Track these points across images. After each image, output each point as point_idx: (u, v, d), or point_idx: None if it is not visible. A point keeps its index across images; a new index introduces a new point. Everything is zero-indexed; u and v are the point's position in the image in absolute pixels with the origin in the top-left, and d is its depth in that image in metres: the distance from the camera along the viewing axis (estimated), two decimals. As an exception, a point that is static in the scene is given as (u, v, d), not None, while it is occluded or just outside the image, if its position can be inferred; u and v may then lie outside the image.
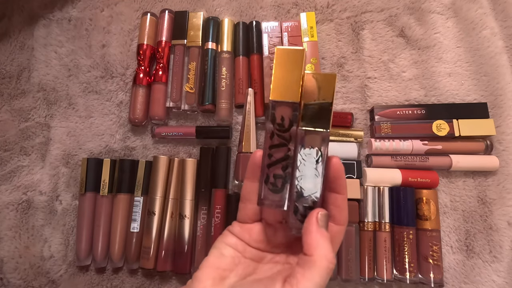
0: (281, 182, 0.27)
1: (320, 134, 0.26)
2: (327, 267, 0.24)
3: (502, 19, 0.55)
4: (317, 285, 0.23)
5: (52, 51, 0.58)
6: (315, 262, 0.23)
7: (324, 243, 0.24)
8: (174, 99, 0.53)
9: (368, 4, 0.57)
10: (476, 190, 0.50)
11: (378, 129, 0.50)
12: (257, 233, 0.29)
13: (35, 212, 0.53)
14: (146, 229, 0.49)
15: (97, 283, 0.51)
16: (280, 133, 0.27)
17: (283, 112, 0.27)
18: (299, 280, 0.23)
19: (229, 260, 0.27)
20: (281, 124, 0.27)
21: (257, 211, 0.29)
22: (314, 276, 0.23)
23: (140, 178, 0.51)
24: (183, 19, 0.56)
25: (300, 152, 0.26)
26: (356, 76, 0.55)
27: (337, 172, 0.26)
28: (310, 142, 0.26)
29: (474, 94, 0.53)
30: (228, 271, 0.27)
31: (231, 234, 0.29)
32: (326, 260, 0.24)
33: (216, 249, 0.28)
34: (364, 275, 0.47)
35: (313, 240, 0.24)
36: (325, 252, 0.24)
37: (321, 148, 0.26)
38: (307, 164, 0.26)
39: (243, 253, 0.28)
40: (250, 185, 0.28)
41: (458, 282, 0.48)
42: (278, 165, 0.27)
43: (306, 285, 0.23)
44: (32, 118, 0.56)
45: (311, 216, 0.25)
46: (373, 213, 0.48)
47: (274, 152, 0.27)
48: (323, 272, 0.23)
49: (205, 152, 0.51)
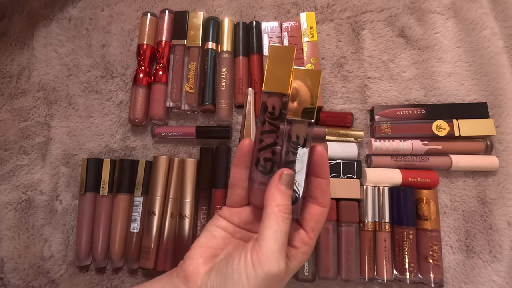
0: (270, 164, 0.29)
1: (304, 123, 0.29)
2: (281, 215, 0.26)
3: (502, 19, 0.55)
4: (275, 231, 0.25)
5: (52, 50, 0.58)
6: (269, 212, 0.26)
7: (277, 195, 0.26)
8: (174, 99, 0.53)
9: (368, 4, 0.57)
10: (476, 190, 0.50)
11: (378, 129, 0.50)
12: (246, 215, 0.31)
13: (35, 211, 0.53)
14: (146, 229, 0.49)
15: (97, 283, 0.51)
16: (271, 120, 0.29)
17: (274, 102, 0.29)
18: (261, 232, 0.26)
19: (219, 241, 0.29)
20: (272, 112, 0.29)
21: (245, 196, 0.31)
22: (271, 224, 0.25)
23: (140, 178, 0.51)
24: (183, 19, 0.56)
25: (287, 138, 0.29)
26: (356, 76, 0.55)
27: (320, 158, 0.29)
28: (296, 130, 0.29)
29: (474, 94, 0.53)
30: (219, 249, 0.29)
31: (221, 217, 0.31)
32: (278, 208, 0.26)
33: (207, 231, 0.30)
34: (364, 275, 0.47)
35: (269, 194, 0.27)
36: (277, 202, 0.26)
37: (305, 136, 0.29)
38: (293, 150, 0.29)
39: (233, 234, 0.30)
40: (238, 172, 0.30)
41: (458, 282, 0.48)
42: (268, 149, 0.29)
43: (266, 234, 0.25)
44: (32, 118, 0.56)
45: (276, 173, 0.28)
46: (373, 213, 0.48)
47: (265, 137, 0.29)
48: (278, 219, 0.26)
49: (205, 152, 0.51)
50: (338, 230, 0.48)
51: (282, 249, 0.25)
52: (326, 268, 0.46)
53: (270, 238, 0.25)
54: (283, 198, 0.26)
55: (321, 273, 0.46)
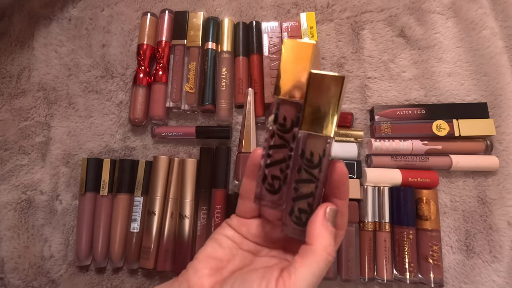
0: (278, 183, 0.26)
1: (322, 138, 0.24)
2: (326, 258, 0.23)
3: (502, 19, 0.55)
4: (314, 274, 0.23)
5: (52, 50, 0.58)
6: (314, 251, 0.23)
7: (326, 234, 0.24)
8: (174, 99, 0.53)
9: (368, 4, 0.57)
10: (476, 190, 0.50)
11: (378, 129, 0.50)
12: (255, 228, 0.29)
13: (35, 211, 0.53)
14: (146, 229, 0.49)
15: (97, 283, 0.51)
16: (281, 133, 0.25)
17: (285, 112, 0.25)
18: (297, 268, 0.23)
19: (226, 251, 0.28)
20: (283, 124, 0.25)
21: (256, 208, 0.29)
22: (312, 265, 0.23)
23: (140, 178, 0.51)
24: (183, 19, 0.56)
25: (300, 155, 0.25)
26: (356, 76, 0.55)
27: (341, 177, 0.25)
28: (311, 146, 0.25)
29: (474, 94, 0.53)
30: (225, 261, 0.27)
31: (229, 226, 0.29)
32: (326, 251, 0.24)
33: (214, 240, 0.28)
34: (364, 275, 0.47)
35: (316, 230, 0.24)
36: (326, 243, 0.24)
37: (323, 153, 0.24)
38: (307, 168, 0.25)
39: (240, 245, 0.28)
40: (249, 183, 0.28)
41: (458, 282, 0.48)
42: (277, 166, 0.26)
43: (303, 273, 0.23)
44: (32, 118, 0.56)
45: (320, 208, 0.25)
46: (373, 213, 0.48)
47: (273, 152, 0.26)
48: (322, 262, 0.23)
49: (205, 152, 0.51)
50: (338, 230, 0.48)
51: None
52: (326, 268, 0.46)
53: (305, 279, 0.23)
54: (331, 237, 0.24)
55: (321, 273, 0.46)
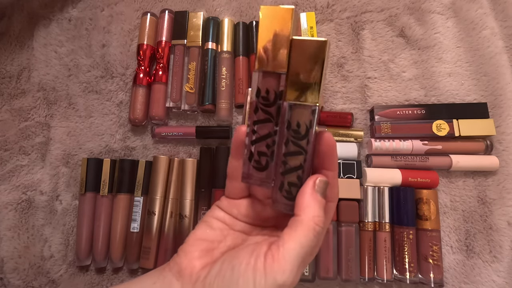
0: (265, 160, 0.25)
1: (308, 108, 0.23)
2: (314, 228, 0.23)
3: (502, 19, 0.55)
4: (302, 245, 0.23)
5: (52, 50, 0.58)
6: (302, 221, 0.23)
7: (314, 205, 0.24)
8: (174, 99, 0.53)
9: (368, 4, 0.57)
10: (476, 190, 0.50)
11: (378, 129, 0.50)
12: (245, 208, 0.28)
13: (35, 211, 0.53)
14: (146, 229, 0.49)
15: (97, 283, 0.51)
16: (265, 107, 0.24)
17: (268, 84, 0.24)
18: (285, 240, 0.23)
19: (217, 233, 0.27)
20: (265, 97, 0.24)
21: (245, 187, 0.28)
22: (300, 236, 0.23)
23: (140, 178, 0.51)
24: (183, 19, 0.56)
25: (286, 127, 0.24)
26: (356, 76, 0.55)
27: (329, 148, 0.25)
28: (297, 116, 0.23)
29: (474, 94, 0.53)
30: (216, 242, 0.27)
31: (219, 208, 0.29)
32: (313, 220, 0.23)
33: (204, 223, 0.28)
34: (364, 275, 0.47)
35: (304, 202, 0.24)
36: (314, 213, 0.23)
37: (309, 123, 0.23)
38: (294, 140, 0.24)
39: (232, 226, 0.28)
40: (235, 163, 0.27)
41: (458, 282, 0.48)
42: (263, 142, 0.24)
43: (291, 245, 0.23)
44: (32, 118, 0.56)
45: (309, 180, 0.24)
46: (373, 213, 0.48)
47: (258, 128, 0.24)
48: (309, 233, 0.23)
49: (205, 152, 0.51)
50: (338, 230, 0.48)
51: (302, 266, 0.23)
52: (326, 268, 0.46)
53: (294, 250, 0.23)
54: (320, 208, 0.24)
55: (321, 273, 0.46)
